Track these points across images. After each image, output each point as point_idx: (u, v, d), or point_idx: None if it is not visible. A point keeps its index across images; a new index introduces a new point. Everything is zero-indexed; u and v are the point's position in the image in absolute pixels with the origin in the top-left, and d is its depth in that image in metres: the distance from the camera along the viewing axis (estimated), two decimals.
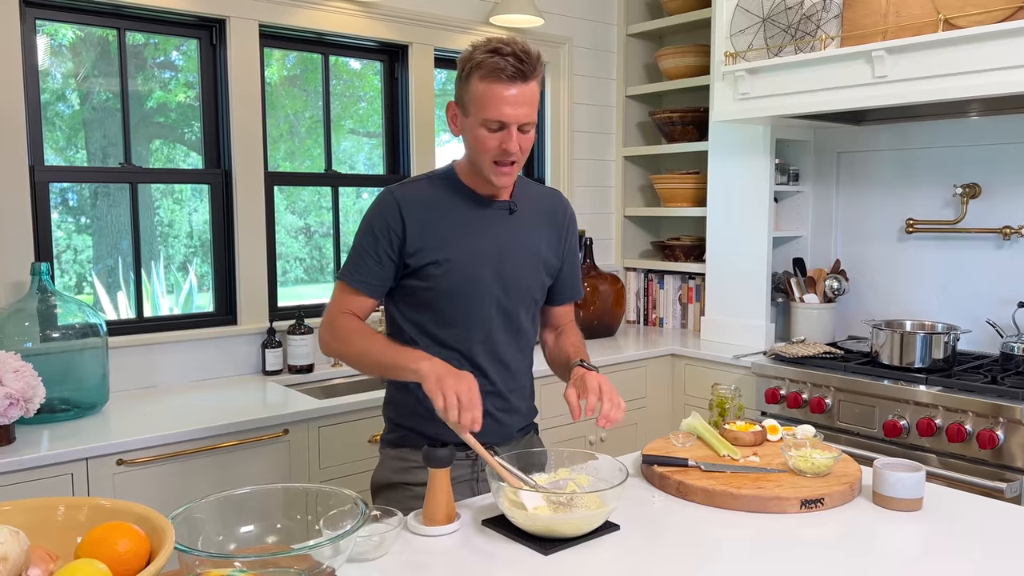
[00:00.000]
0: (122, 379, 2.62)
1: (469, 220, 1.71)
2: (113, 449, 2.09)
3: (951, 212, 3.09)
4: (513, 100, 1.57)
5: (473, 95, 1.59)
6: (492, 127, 1.59)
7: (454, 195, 1.72)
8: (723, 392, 2.02)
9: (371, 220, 1.70)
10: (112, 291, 2.83)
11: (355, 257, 1.71)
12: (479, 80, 1.57)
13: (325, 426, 2.45)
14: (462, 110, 1.64)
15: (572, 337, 1.87)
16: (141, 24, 2.72)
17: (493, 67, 1.55)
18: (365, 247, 1.69)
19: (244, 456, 2.30)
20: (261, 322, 2.91)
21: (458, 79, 1.63)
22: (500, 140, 1.59)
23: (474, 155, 1.65)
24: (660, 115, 3.82)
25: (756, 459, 1.75)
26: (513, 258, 1.73)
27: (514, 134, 1.59)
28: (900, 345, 2.78)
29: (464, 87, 1.61)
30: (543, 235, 1.80)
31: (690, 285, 3.81)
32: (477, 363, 1.72)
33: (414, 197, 1.70)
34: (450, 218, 1.69)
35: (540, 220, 1.80)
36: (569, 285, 1.89)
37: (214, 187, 2.88)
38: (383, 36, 3.18)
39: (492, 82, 1.56)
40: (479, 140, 1.61)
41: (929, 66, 2.48)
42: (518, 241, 1.75)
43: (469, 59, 1.59)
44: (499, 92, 1.56)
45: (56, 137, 2.68)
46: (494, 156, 1.61)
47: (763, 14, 2.89)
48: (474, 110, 1.60)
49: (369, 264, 1.69)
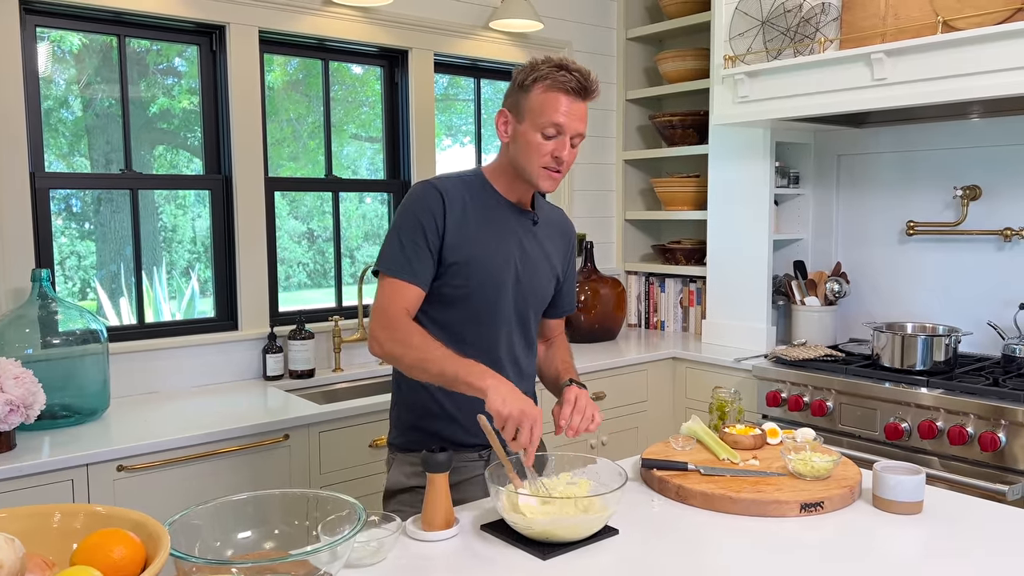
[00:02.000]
0: (123, 385, 2.62)
1: (499, 222, 1.75)
2: (114, 455, 2.10)
3: (952, 214, 3.08)
4: (572, 112, 1.65)
5: (533, 102, 1.66)
6: (549, 133, 1.65)
7: (486, 197, 1.76)
8: (723, 395, 2.02)
9: (414, 209, 1.69)
10: (115, 297, 2.84)
11: (401, 248, 1.68)
12: (543, 90, 1.65)
13: (326, 431, 2.45)
14: (516, 116, 1.70)
15: (562, 352, 1.96)
16: (141, 31, 2.73)
17: (559, 79, 1.64)
18: (411, 236, 1.68)
19: (245, 462, 2.30)
20: (262, 327, 2.91)
21: (515, 88, 1.70)
22: (554, 146, 1.66)
23: (524, 159, 1.69)
24: (660, 119, 3.83)
25: (756, 463, 1.75)
26: (533, 265, 1.80)
27: (567, 143, 1.67)
28: (901, 347, 2.77)
29: (522, 95, 1.68)
30: (555, 248, 1.89)
31: (691, 288, 3.80)
32: (499, 363, 1.75)
33: (454, 191, 1.72)
34: (483, 218, 1.73)
35: (553, 233, 1.89)
36: (567, 299, 1.97)
37: (215, 192, 2.89)
38: (383, 41, 3.18)
39: (556, 92, 1.64)
40: (533, 145, 1.66)
41: (928, 68, 2.48)
42: (537, 249, 1.82)
43: (533, 70, 1.67)
44: (561, 101, 1.64)
45: (59, 143, 2.69)
46: (545, 161, 1.67)
47: (762, 17, 2.89)
48: (531, 116, 1.66)
49: (419, 254, 1.67)
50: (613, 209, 4.06)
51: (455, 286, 1.70)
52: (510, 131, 1.71)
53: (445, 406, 1.75)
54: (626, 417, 3.25)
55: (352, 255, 3.39)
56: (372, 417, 2.53)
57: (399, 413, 1.83)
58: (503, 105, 1.73)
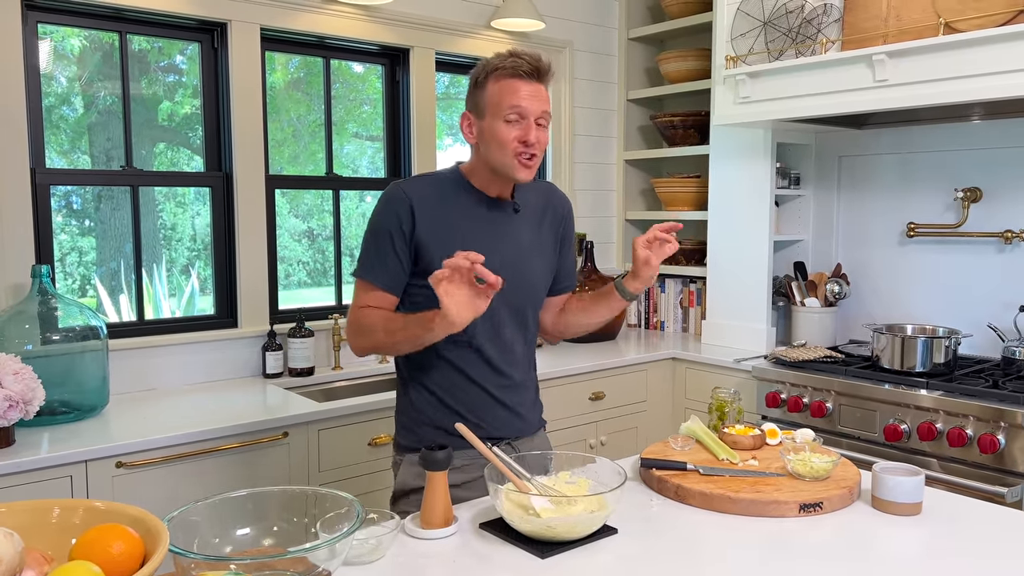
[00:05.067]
0: (122, 382, 2.62)
1: (478, 219, 1.74)
2: (113, 452, 2.10)
3: (952, 216, 3.08)
4: (531, 94, 1.65)
5: (490, 95, 1.67)
6: (511, 118, 1.65)
7: (462, 194, 1.75)
8: (722, 396, 2.02)
9: (381, 213, 1.72)
10: (115, 294, 2.84)
11: (370, 251, 1.72)
12: (496, 80, 1.66)
13: (325, 429, 2.45)
14: (477, 115, 1.70)
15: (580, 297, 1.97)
16: (142, 27, 2.73)
17: (511, 66, 1.65)
18: (379, 240, 1.70)
19: (244, 459, 2.30)
20: (262, 325, 2.91)
21: (473, 88, 1.71)
22: (520, 132, 1.65)
23: (496, 154, 1.68)
24: (661, 119, 3.82)
25: (755, 463, 1.75)
26: (522, 257, 1.79)
27: (532, 125, 1.65)
28: (901, 349, 2.77)
29: (479, 92, 1.69)
30: (544, 232, 1.86)
31: (691, 289, 3.80)
32: (488, 358, 1.76)
33: (423, 192, 1.72)
34: (459, 216, 1.72)
35: (541, 216, 1.86)
36: (566, 275, 1.96)
37: (215, 190, 2.89)
38: (384, 40, 3.18)
39: (510, 78, 1.65)
40: (499, 135, 1.66)
41: (930, 70, 2.48)
42: (524, 240, 1.80)
43: (485, 66, 1.69)
44: (517, 86, 1.65)
45: (60, 140, 2.69)
46: (515, 148, 1.66)
47: (764, 18, 2.89)
48: (491, 108, 1.66)
49: (385, 258, 1.70)
50: (613, 209, 4.06)
51: None
52: (475, 131, 1.71)
53: (450, 403, 1.76)
54: (625, 417, 3.24)
55: (352, 253, 3.39)
56: (371, 415, 2.53)
57: (406, 413, 1.83)
58: (465, 109, 1.73)
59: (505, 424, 1.80)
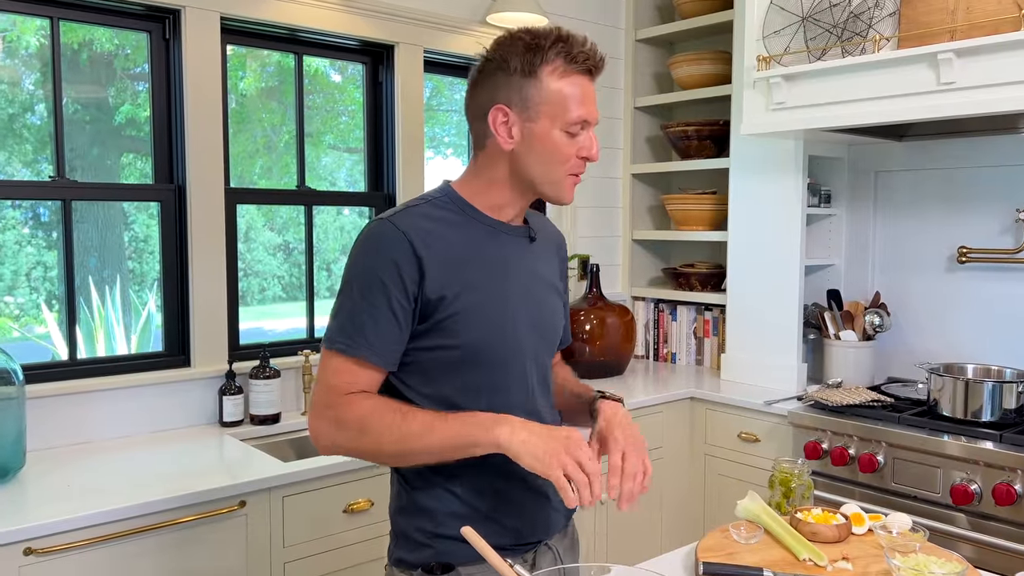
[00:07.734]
0: (46, 435, 2.18)
1: (492, 253, 1.33)
2: (20, 536, 1.66)
3: (1011, 239, 2.72)
4: (592, 97, 1.31)
5: (550, 92, 1.27)
6: (575, 130, 1.29)
7: (468, 223, 1.33)
8: (786, 467, 1.63)
9: (370, 264, 1.26)
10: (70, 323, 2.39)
11: (354, 316, 1.25)
12: (559, 75, 1.28)
13: (290, 495, 2.02)
14: (522, 112, 1.28)
15: (564, 369, 1.60)
16: (80, 13, 2.30)
17: (578, 58, 1.28)
18: (369, 300, 1.24)
19: (190, 536, 1.87)
20: (219, 364, 2.48)
21: (513, 75, 1.28)
22: (580, 146, 1.30)
23: (543, 166, 1.30)
24: (673, 129, 3.45)
25: (848, 566, 1.35)
26: (540, 297, 1.40)
27: (595, 138, 1.33)
28: (965, 394, 2.39)
29: (531, 83, 1.27)
30: (552, 267, 1.48)
31: (706, 317, 3.42)
32: None
33: (421, 227, 1.27)
34: (470, 252, 1.30)
35: (549, 250, 1.49)
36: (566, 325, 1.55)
37: (165, 205, 2.46)
38: (365, 34, 2.77)
39: (575, 75, 1.28)
40: (556, 146, 1.29)
41: (1007, 71, 2.12)
42: (540, 276, 1.42)
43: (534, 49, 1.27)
44: (585, 87, 1.29)
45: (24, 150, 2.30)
46: (573, 166, 1.30)
47: (803, 13, 2.52)
48: (550, 110, 1.28)
49: (378, 323, 1.24)
50: (619, 228, 3.67)
51: (449, 347, 1.27)
52: (516, 132, 1.28)
53: (473, 503, 1.31)
54: None
55: (329, 268, 3.05)
56: (343, 478, 2.10)
57: (407, 520, 1.36)
58: (496, 100, 1.29)
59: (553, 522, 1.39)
